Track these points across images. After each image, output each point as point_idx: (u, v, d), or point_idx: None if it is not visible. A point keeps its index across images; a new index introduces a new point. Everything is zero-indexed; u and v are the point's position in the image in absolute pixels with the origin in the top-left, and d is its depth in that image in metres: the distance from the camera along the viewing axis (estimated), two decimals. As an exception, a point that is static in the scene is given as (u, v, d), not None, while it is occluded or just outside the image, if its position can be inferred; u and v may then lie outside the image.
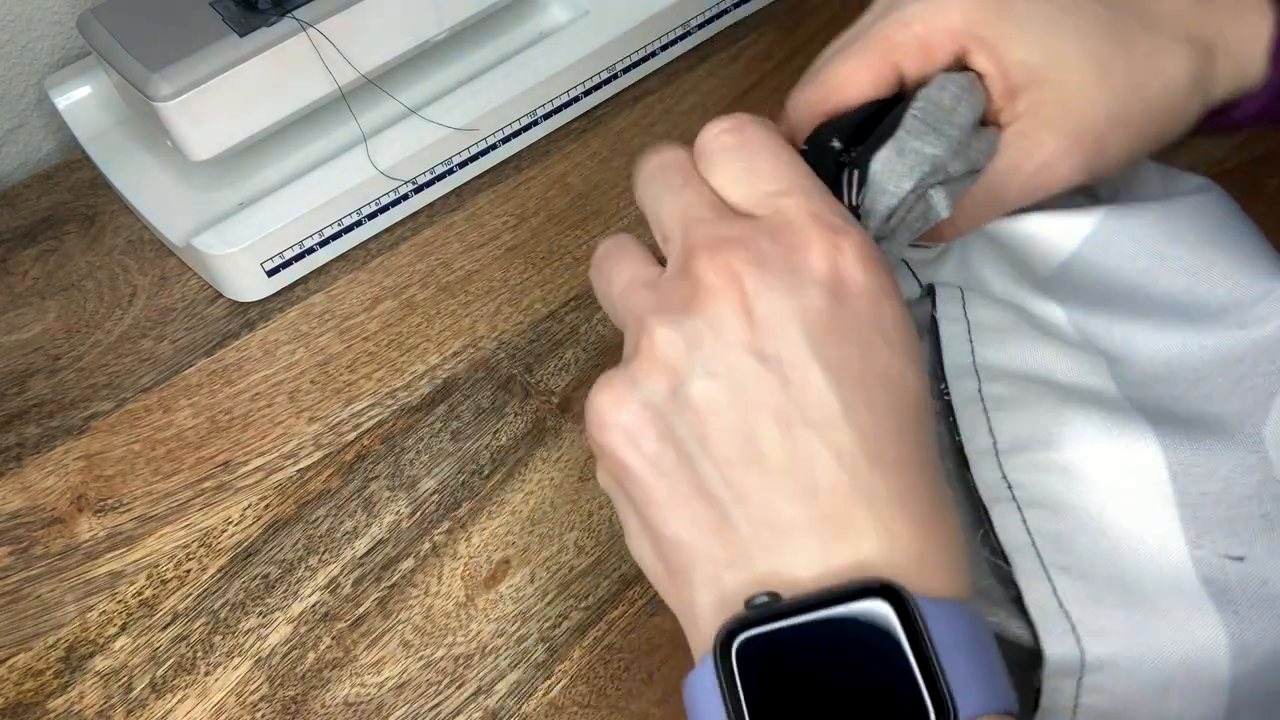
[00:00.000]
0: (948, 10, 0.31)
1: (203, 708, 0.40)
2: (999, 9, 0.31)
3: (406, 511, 0.45)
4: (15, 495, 0.46)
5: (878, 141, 0.30)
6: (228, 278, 0.50)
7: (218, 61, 0.46)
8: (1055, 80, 0.31)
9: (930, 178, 0.30)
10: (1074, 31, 0.31)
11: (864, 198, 0.30)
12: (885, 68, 0.31)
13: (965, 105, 0.31)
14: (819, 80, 0.32)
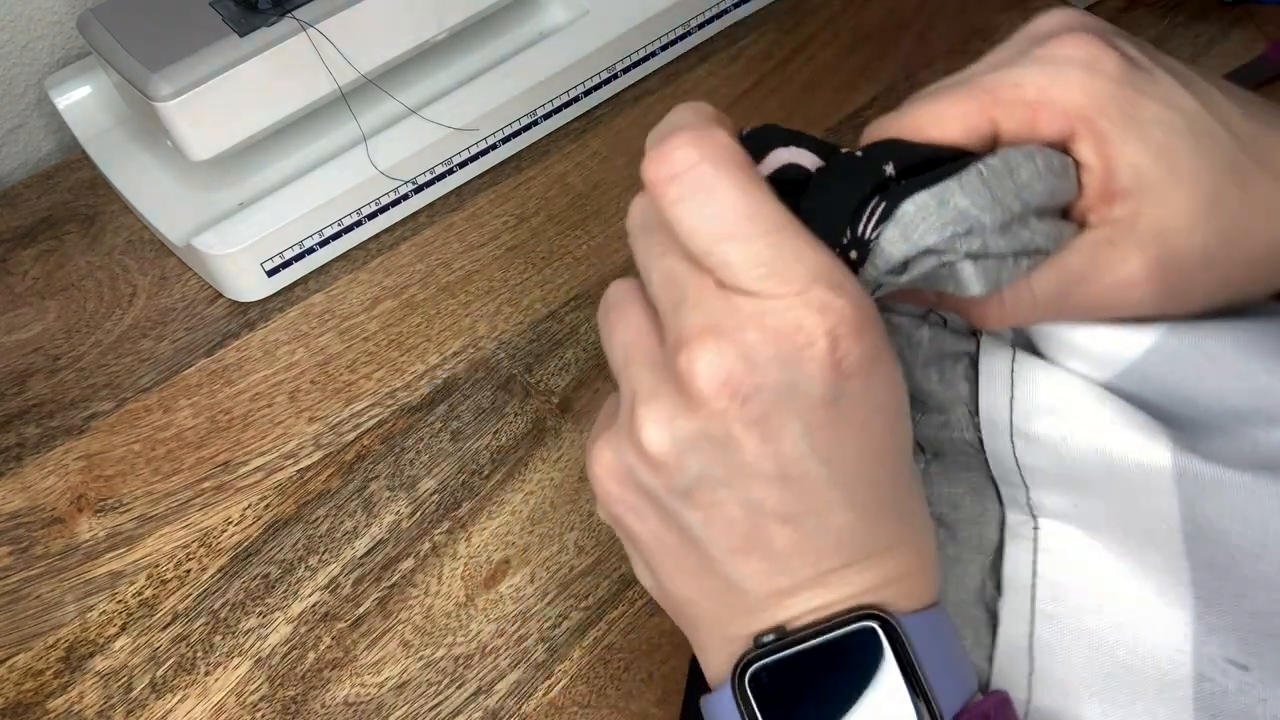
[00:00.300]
0: (1069, 85, 0.28)
1: (203, 708, 0.40)
2: (1126, 101, 0.27)
3: (406, 511, 0.45)
4: (15, 495, 0.46)
5: (926, 183, 0.27)
6: (228, 278, 0.50)
7: (218, 61, 0.46)
8: (1161, 197, 0.27)
9: (962, 242, 0.26)
10: (1196, 152, 0.28)
11: (879, 234, 0.27)
12: (980, 120, 0.28)
13: (1044, 185, 0.27)
14: (906, 111, 0.29)
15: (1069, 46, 0.28)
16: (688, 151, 0.26)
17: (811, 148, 0.28)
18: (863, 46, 0.61)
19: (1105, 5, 0.62)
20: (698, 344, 0.25)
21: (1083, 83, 0.27)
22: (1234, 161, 0.28)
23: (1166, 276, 0.28)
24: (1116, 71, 0.28)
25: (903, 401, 0.27)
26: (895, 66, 0.60)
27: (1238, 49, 0.60)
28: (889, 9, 0.63)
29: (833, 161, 0.28)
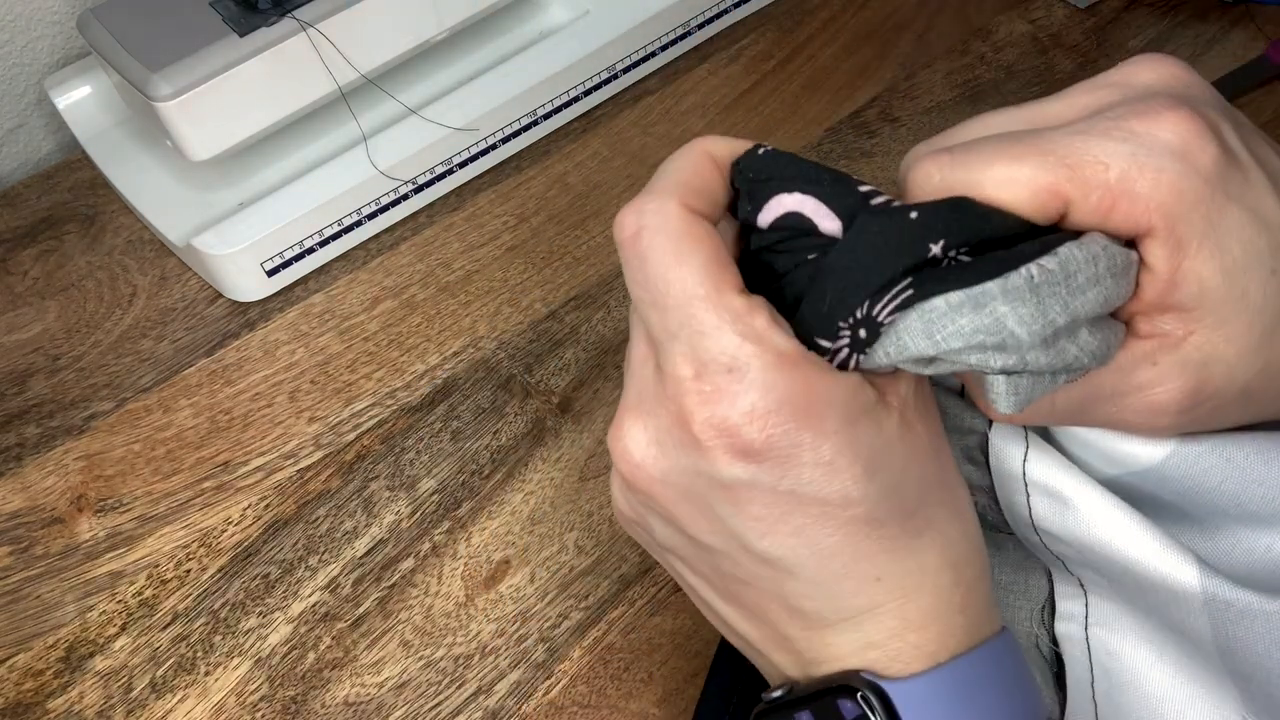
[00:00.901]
0: (1159, 177, 0.24)
1: (203, 708, 0.40)
2: (1213, 207, 0.24)
3: (406, 511, 0.45)
4: (15, 495, 0.46)
5: (968, 277, 0.23)
6: (228, 278, 0.50)
7: (218, 61, 0.46)
8: (1219, 321, 0.25)
9: (995, 356, 0.24)
10: (1270, 278, 0.25)
11: (895, 321, 0.24)
12: (1052, 197, 0.24)
13: (1101, 293, 0.24)
14: (969, 166, 0.25)
15: (1166, 126, 0.24)
16: (631, 219, 0.25)
17: (822, 193, 0.25)
18: (863, 46, 0.61)
19: (1105, 5, 0.62)
20: (623, 422, 0.26)
21: (1173, 178, 0.24)
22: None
23: (1199, 407, 0.26)
24: (1210, 169, 0.24)
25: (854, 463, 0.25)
26: (895, 66, 0.60)
27: (1238, 49, 0.60)
28: (889, 9, 0.63)
29: (869, 220, 0.24)
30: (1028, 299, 0.23)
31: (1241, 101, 0.57)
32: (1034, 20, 0.62)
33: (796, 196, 0.25)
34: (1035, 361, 0.24)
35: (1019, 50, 0.61)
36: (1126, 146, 0.24)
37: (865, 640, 0.27)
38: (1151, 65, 0.26)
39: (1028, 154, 0.24)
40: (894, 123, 0.58)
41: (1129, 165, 0.24)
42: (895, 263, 0.24)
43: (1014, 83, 0.59)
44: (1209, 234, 0.24)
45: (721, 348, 0.24)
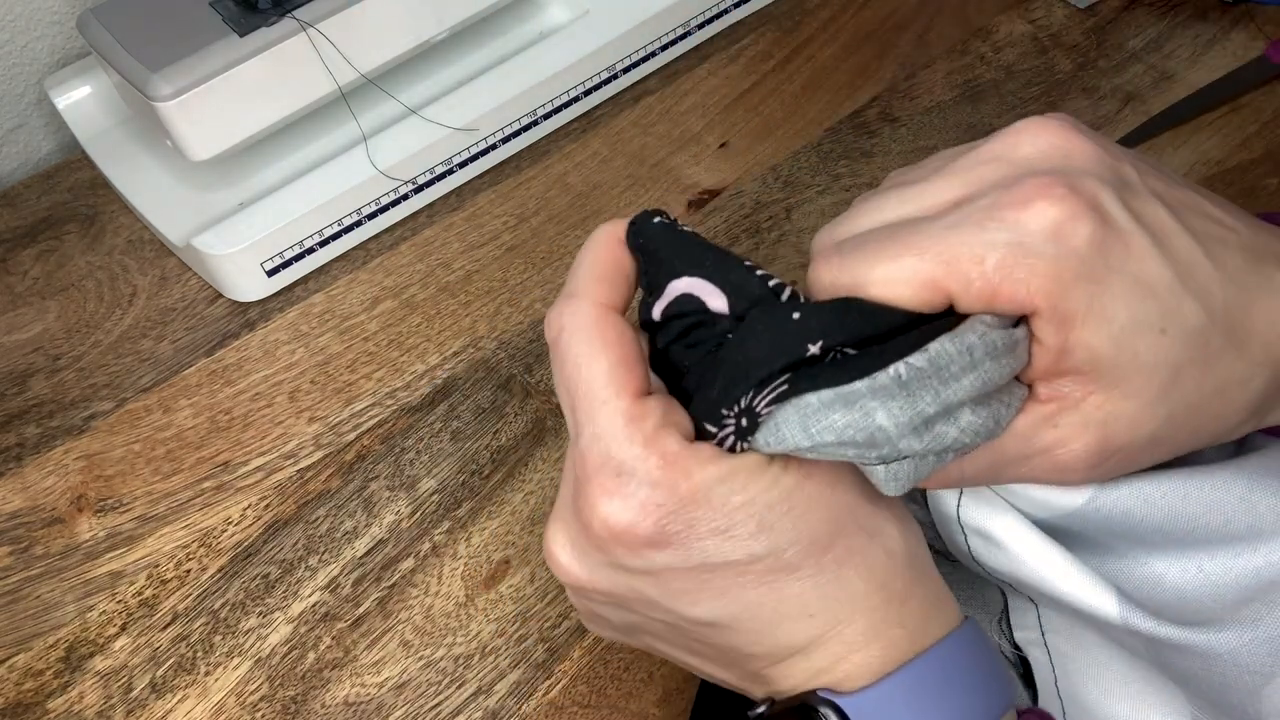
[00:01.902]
0: (1036, 263, 0.25)
1: (203, 708, 0.40)
2: (1092, 280, 0.25)
3: (406, 511, 0.45)
4: (15, 495, 0.46)
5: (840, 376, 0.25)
6: (228, 278, 0.50)
7: (218, 61, 0.46)
8: (1113, 380, 0.26)
9: (865, 450, 0.25)
10: (1160, 337, 0.25)
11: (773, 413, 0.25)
12: (934, 292, 0.25)
13: (978, 377, 0.25)
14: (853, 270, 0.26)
15: (1038, 212, 0.25)
16: (555, 320, 0.28)
17: (712, 274, 0.27)
18: (863, 47, 0.61)
19: (1105, 5, 0.62)
20: (549, 530, 0.29)
21: (1049, 264, 0.25)
22: (1200, 342, 0.26)
23: (1108, 460, 0.27)
24: (1086, 247, 0.25)
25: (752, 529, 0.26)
26: (895, 67, 0.60)
27: (1238, 49, 0.60)
28: (889, 9, 0.63)
29: (758, 317, 0.26)
30: (897, 395, 0.24)
31: (1241, 102, 0.57)
32: (1034, 20, 0.62)
33: (687, 280, 0.27)
34: (910, 448, 0.25)
35: (1019, 50, 0.61)
36: (1001, 236, 0.25)
37: (816, 668, 0.29)
38: (1032, 135, 0.27)
39: (906, 253, 0.25)
40: (894, 123, 0.58)
41: (1004, 255, 0.25)
42: (775, 360, 0.25)
43: (1014, 83, 0.59)
44: (1093, 306, 0.25)
45: (613, 451, 0.26)
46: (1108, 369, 0.26)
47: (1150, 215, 0.26)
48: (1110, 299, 0.25)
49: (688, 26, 0.60)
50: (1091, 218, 0.25)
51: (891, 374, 0.24)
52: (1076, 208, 0.25)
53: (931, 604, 0.29)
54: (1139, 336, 0.25)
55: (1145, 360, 0.26)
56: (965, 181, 0.27)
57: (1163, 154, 0.55)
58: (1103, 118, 0.57)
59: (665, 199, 0.55)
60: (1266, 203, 0.53)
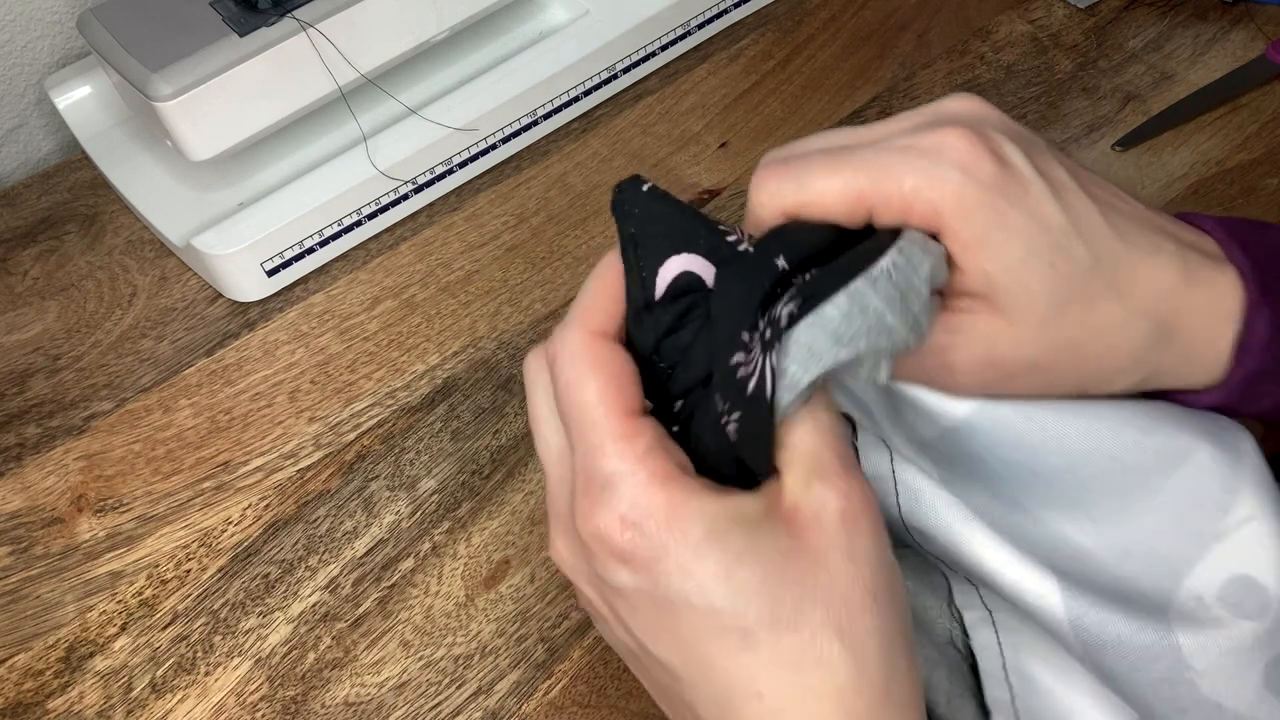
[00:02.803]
0: (943, 186, 0.28)
1: (203, 708, 0.40)
2: (993, 211, 0.28)
3: (406, 511, 0.45)
4: (15, 495, 0.46)
5: (835, 282, 0.27)
6: (228, 278, 0.50)
7: (218, 61, 0.46)
8: (1003, 304, 0.29)
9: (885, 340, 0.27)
10: (1049, 271, 0.29)
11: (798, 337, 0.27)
12: (859, 205, 0.29)
13: (938, 275, 0.29)
14: (797, 178, 0.29)
15: (950, 144, 0.28)
16: (549, 349, 0.29)
17: (702, 247, 0.28)
18: (863, 47, 0.61)
19: (1105, 5, 0.62)
20: (550, 529, 0.30)
21: (955, 186, 0.28)
22: (1085, 282, 0.29)
23: (987, 372, 0.30)
24: (989, 178, 0.28)
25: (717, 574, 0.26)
26: (895, 67, 0.60)
27: (1238, 49, 0.60)
28: (889, 9, 0.63)
29: (725, 270, 0.28)
30: (892, 292, 0.27)
31: (1241, 101, 0.57)
32: (1034, 20, 0.62)
33: (683, 257, 0.29)
34: (903, 338, 0.28)
35: (1019, 50, 0.61)
36: (918, 162, 0.28)
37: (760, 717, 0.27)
38: (958, 99, 0.31)
39: (842, 169, 0.29)
40: (894, 123, 0.58)
41: (919, 178, 0.28)
42: (756, 287, 0.27)
43: (1014, 82, 0.59)
44: (990, 234, 0.28)
45: (602, 466, 0.27)
46: (1000, 293, 0.29)
47: (1051, 171, 0.30)
48: (1007, 232, 0.28)
49: (688, 26, 0.60)
50: (995, 159, 0.28)
51: (883, 280, 0.27)
52: (984, 148, 0.28)
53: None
54: (1030, 268, 0.29)
55: (1034, 290, 0.29)
56: (898, 123, 0.30)
57: (1162, 154, 0.55)
58: (1103, 118, 0.57)
59: (665, 199, 0.55)
60: (1266, 202, 0.53)
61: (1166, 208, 0.53)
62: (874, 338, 0.27)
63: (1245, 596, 0.31)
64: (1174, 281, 0.30)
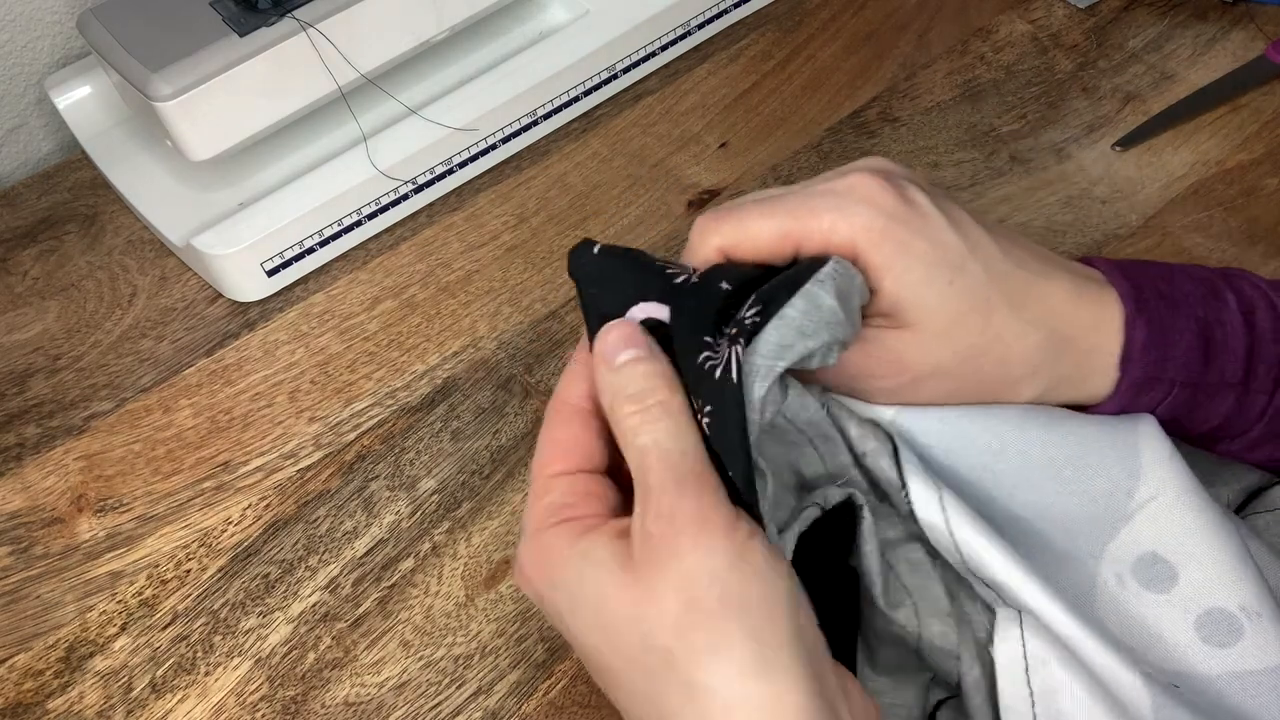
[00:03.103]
0: (856, 220, 0.33)
1: (203, 708, 0.40)
2: (897, 240, 0.33)
3: (406, 511, 0.45)
4: (15, 495, 0.46)
5: (790, 289, 0.31)
6: (228, 278, 0.50)
7: (218, 61, 0.46)
8: (911, 320, 0.33)
9: (839, 334, 0.31)
10: (948, 288, 0.33)
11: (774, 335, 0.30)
12: (788, 242, 0.33)
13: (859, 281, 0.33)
14: (736, 220, 0.34)
15: (860, 185, 0.33)
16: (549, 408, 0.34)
17: (655, 293, 0.32)
18: (862, 47, 0.61)
19: (1105, 5, 0.62)
20: None
21: (864, 219, 0.32)
22: (982, 296, 0.33)
23: (899, 376, 0.34)
24: (893, 211, 0.33)
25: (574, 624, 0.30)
26: (895, 67, 0.60)
27: (1238, 49, 0.60)
28: (889, 9, 0.63)
29: (680, 294, 0.32)
30: (834, 291, 0.31)
31: (1241, 102, 0.57)
32: (1034, 20, 0.62)
33: (643, 306, 0.32)
34: (848, 330, 0.31)
35: (1019, 50, 0.61)
36: (834, 200, 0.33)
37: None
38: (871, 159, 0.36)
39: (772, 212, 0.33)
40: (894, 123, 0.58)
41: (835, 215, 0.33)
42: (713, 298, 0.31)
43: (1014, 82, 0.59)
44: (896, 259, 0.32)
45: (527, 511, 0.32)
46: (905, 309, 0.33)
47: (950, 210, 0.34)
48: (910, 257, 0.33)
49: (688, 26, 0.60)
50: (899, 196, 0.33)
51: (828, 270, 0.31)
52: (889, 187, 0.33)
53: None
54: (930, 286, 0.33)
55: (933, 304, 0.33)
56: (819, 177, 0.35)
57: (1162, 154, 0.55)
58: (1103, 118, 0.57)
59: (665, 199, 0.55)
60: (1266, 202, 0.53)
61: (1166, 208, 0.53)
62: (832, 330, 0.31)
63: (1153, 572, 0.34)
64: (1064, 297, 0.34)
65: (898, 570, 0.34)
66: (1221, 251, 0.51)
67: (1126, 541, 0.35)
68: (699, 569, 0.27)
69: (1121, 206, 0.53)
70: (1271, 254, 0.51)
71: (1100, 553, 0.35)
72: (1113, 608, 0.34)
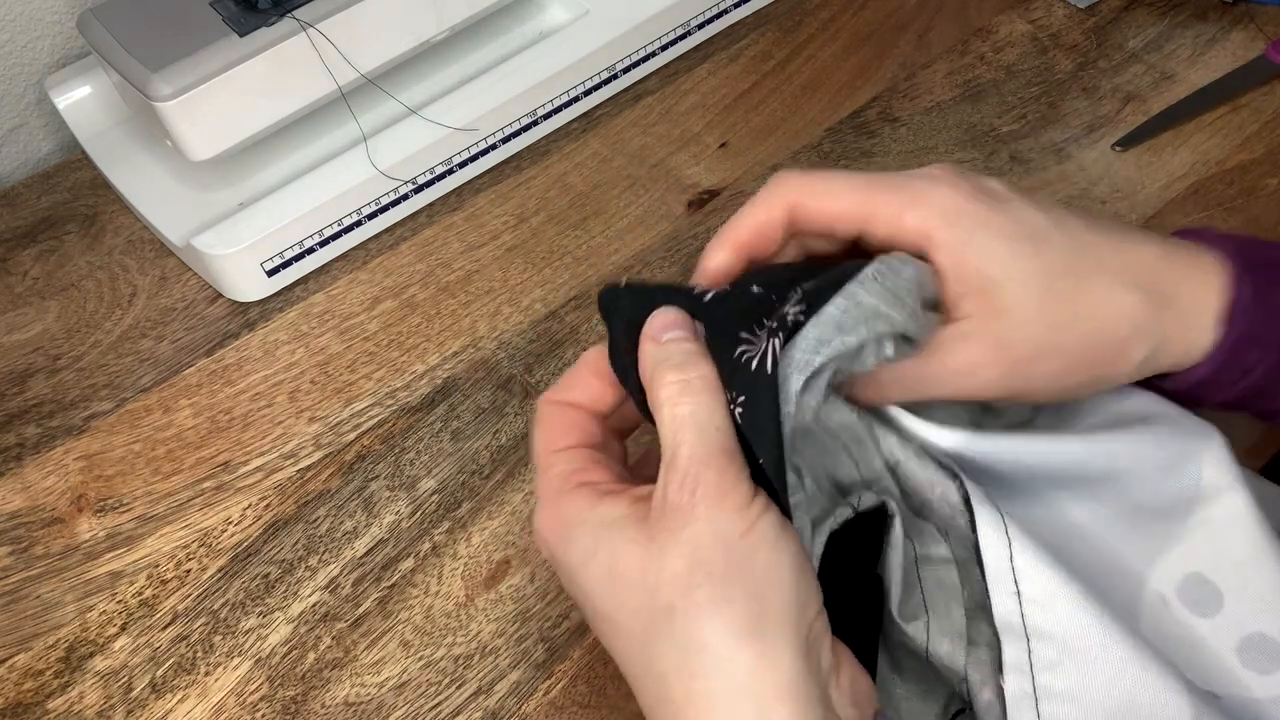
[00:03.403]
0: (932, 201, 0.33)
1: (203, 708, 0.40)
2: (976, 216, 0.33)
3: (406, 511, 0.45)
4: (15, 495, 0.46)
5: (831, 288, 0.31)
6: (228, 278, 0.50)
7: (218, 61, 0.46)
8: (1002, 295, 0.33)
9: (883, 328, 0.31)
10: (1034, 258, 0.33)
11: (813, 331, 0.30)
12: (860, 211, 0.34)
13: (921, 280, 0.32)
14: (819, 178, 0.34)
15: (936, 174, 0.34)
16: None
17: (687, 309, 0.33)
18: (862, 47, 0.61)
19: (1105, 5, 0.62)
20: None
21: (941, 199, 0.33)
22: (1070, 262, 0.33)
23: (1005, 363, 0.33)
24: (969, 191, 0.33)
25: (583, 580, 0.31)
26: (895, 67, 0.60)
27: (1238, 49, 0.60)
28: (889, 9, 0.63)
29: (709, 306, 0.33)
30: (881, 291, 0.31)
31: (1241, 101, 0.57)
32: (1034, 20, 0.62)
33: None
34: (901, 321, 0.31)
35: (1019, 50, 0.61)
36: (911, 183, 0.34)
37: None
38: (942, 165, 0.36)
39: (854, 179, 0.34)
40: (894, 123, 0.58)
41: (911, 195, 0.33)
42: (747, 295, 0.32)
43: (1014, 82, 0.59)
44: (976, 235, 0.33)
45: (540, 487, 0.33)
46: (992, 287, 0.32)
47: (1027, 196, 0.34)
48: (990, 231, 0.33)
49: (688, 26, 0.60)
50: (975, 183, 0.34)
51: (870, 271, 0.31)
52: (965, 176, 0.34)
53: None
54: (1015, 257, 0.33)
55: (1021, 276, 0.33)
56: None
57: (1162, 154, 0.55)
58: (1103, 118, 0.57)
59: (665, 199, 0.55)
60: (1266, 202, 0.53)
61: (1166, 208, 0.53)
62: (872, 325, 0.31)
63: (1199, 594, 0.34)
64: (1155, 255, 0.34)
65: (924, 585, 0.34)
66: (1221, 251, 0.51)
67: (1176, 561, 0.34)
68: (710, 533, 0.28)
69: (1121, 206, 0.53)
70: (1271, 254, 0.51)
71: (1149, 569, 0.35)
72: (1155, 625, 0.34)
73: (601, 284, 0.52)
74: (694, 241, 0.53)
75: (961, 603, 0.34)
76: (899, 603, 0.34)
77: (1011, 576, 0.32)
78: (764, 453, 0.29)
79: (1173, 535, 0.35)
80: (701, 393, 0.30)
